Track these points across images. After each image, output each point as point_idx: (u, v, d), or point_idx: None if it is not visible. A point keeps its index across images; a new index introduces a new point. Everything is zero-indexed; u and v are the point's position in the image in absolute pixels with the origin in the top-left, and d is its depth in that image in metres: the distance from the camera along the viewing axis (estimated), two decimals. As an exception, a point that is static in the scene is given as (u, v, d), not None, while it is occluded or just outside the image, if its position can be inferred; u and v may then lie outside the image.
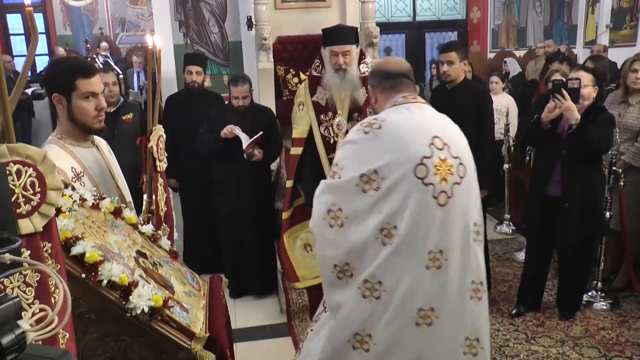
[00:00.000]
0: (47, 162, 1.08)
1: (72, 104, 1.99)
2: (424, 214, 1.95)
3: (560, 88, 3.35)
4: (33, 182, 1.05)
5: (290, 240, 3.88)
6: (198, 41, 6.26)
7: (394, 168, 1.96)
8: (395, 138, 2.01)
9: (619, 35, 8.95)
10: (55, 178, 1.10)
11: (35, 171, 1.06)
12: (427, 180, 1.96)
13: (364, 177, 1.98)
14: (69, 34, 10.69)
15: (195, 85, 4.53)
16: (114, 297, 1.38)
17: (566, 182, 3.48)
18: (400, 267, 1.96)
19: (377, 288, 1.97)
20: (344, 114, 3.72)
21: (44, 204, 1.07)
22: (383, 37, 11.25)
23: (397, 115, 2.09)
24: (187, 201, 4.77)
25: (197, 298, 1.70)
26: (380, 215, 1.96)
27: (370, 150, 2.01)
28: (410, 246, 1.95)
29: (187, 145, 4.26)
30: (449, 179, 1.99)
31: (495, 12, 11.95)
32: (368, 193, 1.98)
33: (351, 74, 3.59)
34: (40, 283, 1.05)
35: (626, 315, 3.81)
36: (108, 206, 1.76)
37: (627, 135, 3.90)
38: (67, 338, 1.11)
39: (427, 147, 1.99)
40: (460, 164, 2.04)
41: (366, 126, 2.06)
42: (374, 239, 1.97)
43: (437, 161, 1.98)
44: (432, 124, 2.10)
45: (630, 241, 3.98)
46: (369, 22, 5.07)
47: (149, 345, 1.43)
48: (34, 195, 1.05)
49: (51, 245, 1.10)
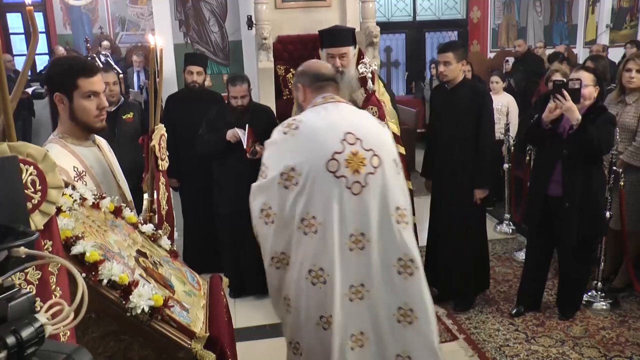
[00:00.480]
0: (47, 160, 1.08)
1: (74, 103, 2.00)
2: (339, 203, 2.21)
3: (561, 88, 3.35)
4: (34, 181, 1.05)
5: None
6: (198, 40, 6.26)
7: (308, 164, 2.21)
8: (310, 137, 2.27)
9: (619, 35, 8.96)
10: (56, 176, 1.10)
11: (36, 169, 1.06)
12: (338, 174, 2.22)
13: (284, 175, 2.24)
14: (69, 33, 10.68)
15: (196, 85, 4.53)
16: (114, 297, 1.38)
17: (567, 182, 3.48)
18: (330, 251, 2.21)
19: (321, 274, 2.23)
20: None
21: (45, 202, 1.07)
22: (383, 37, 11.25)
23: (314, 115, 2.34)
24: (187, 201, 4.77)
25: (197, 298, 1.70)
26: (299, 207, 2.22)
27: (289, 149, 2.27)
28: (331, 232, 2.21)
29: (188, 145, 4.26)
30: (362, 171, 2.24)
31: (496, 12, 11.95)
32: (290, 189, 2.24)
33: (348, 76, 3.58)
34: (41, 281, 1.05)
35: (626, 315, 3.81)
36: (108, 206, 1.76)
37: (625, 135, 3.91)
38: (67, 336, 1.11)
39: (339, 143, 2.24)
40: (375, 155, 2.28)
41: (285, 127, 2.32)
42: (297, 229, 2.24)
43: (349, 155, 2.23)
44: (346, 121, 2.32)
45: (630, 241, 3.98)
46: (369, 21, 5.06)
47: (149, 344, 1.42)
48: (35, 194, 1.05)
49: (52, 243, 1.10)
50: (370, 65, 3.70)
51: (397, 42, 12.09)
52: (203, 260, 4.51)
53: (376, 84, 3.75)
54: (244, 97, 4.06)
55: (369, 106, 3.60)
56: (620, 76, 3.99)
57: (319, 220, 2.21)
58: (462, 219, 3.85)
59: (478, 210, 3.93)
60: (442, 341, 3.60)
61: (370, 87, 3.60)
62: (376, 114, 3.57)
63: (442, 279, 4.08)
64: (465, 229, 3.87)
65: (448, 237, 3.94)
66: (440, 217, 4.03)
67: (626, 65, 3.94)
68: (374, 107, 3.57)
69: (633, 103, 3.93)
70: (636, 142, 3.89)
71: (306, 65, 2.58)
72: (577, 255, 3.62)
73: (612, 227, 3.90)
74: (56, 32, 10.60)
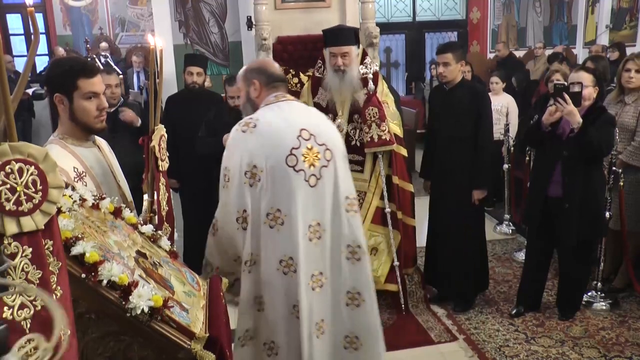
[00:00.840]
0: (48, 160, 1.09)
1: (74, 104, 2.00)
2: (299, 195, 2.32)
3: (562, 92, 3.34)
4: (34, 181, 1.06)
5: None
6: (198, 41, 6.26)
7: (269, 160, 2.31)
8: (269, 134, 2.36)
9: (618, 36, 8.96)
10: (57, 176, 1.11)
11: (37, 169, 1.07)
12: (297, 168, 2.33)
13: (248, 173, 2.32)
14: (68, 34, 10.69)
15: (196, 86, 4.53)
16: (114, 297, 1.38)
17: (567, 183, 3.49)
18: (295, 242, 2.31)
19: (291, 263, 2.33)
20: (345, 115, 3.73)
21: (46, 202, 1.08)
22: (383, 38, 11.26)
23: (270, 113, 2.42)
24: (187, 201, 4.77)
25: (196, 298, 1.70)
26: (264, 202, 2.31)
27: (249, 147, 2.34)
28: (295, 223, 2.31)
29: (188, 146, 4.26)
30: (317, 164, 2.37)
31: (495, 13, 11.96)
32: (254, 186, 2.32)
33: (350, 75, 3.58)
34: (42, 280, 1.06)
35: (626, 316, 3.81)
36: (108, 206, 1.76)
37: (625, 135, 3.91)
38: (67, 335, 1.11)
39: (296, 139, 2.35)
40: (327, 149, 2.41)
41: (243, 125, 2.40)
42: (263, 224, 2.32)
43: (305, 150, 2.35)
44: (300, 118, 2.44)
45: (630, 241, 3.99)
46: (368, 22, 5.06)
47: (149, 345, 1.42)
48: (36, 194, 1.06)
49: (52, 242, 1.11)
50: (372, 66, 3.70)
51: (397, 42, 12.10)
52: (202, 261, 4.51)
53: (379, 84, 3.75)
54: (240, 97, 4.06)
55: (370, 107, 3.60)
56: (620, 76, 3.99)
57: (284, 213, 2.31)
58: (461, 219, 3.85)
59: (477, 211, 3.93)
60: (442, 342, 3.61)
61: (370, 88, 3.60)
62: (376, 114, 3.57)
63: (442, 279, 4.08)
64: (464, 229, 3.87)
65: (447, 237, 3.94)
66: (439, 217, 4.03)
67: (625, 65, 3.95)
68: (375, 108, 3.57)
69: (632, 103, 3.93)
70: (635, 142, 3.90)
71: (262, 63, 2.73)
72: (577, 256, 3.63)
73: (611, 227, 3.90)
74: (56, 33, 10.61)
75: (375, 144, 3.62)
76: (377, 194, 3.76)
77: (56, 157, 1.95)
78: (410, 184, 3.87)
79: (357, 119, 3.70)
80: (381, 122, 3.57)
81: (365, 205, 3.78)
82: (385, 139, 3.60)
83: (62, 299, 1.11)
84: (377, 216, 3.80)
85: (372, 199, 3.78)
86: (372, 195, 3.76)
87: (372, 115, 3.59)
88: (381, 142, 3.61)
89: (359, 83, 3.63)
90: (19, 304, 1.02)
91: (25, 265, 1.04)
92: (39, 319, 1.05)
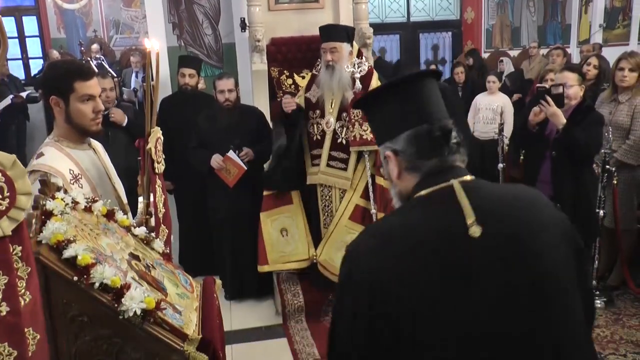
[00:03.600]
0: (17, 167, 1.10)
1: (70, 107, 2.01)
2: None
3: (544, 94, 3.35)
4: (1, 187, 1.08)
5: (268, 221, 3.93)
6: (192, 43, 6.25)
7: None
8: None
9: (612, 35, 9.01)
10: (26, 183, 1.12)
11: (4, 176, 1.08)
12: None
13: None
14: (63, 37, 10.65)
15: (188, 87, 4.53)
16: (107, 300, 1.38)
17: (556, 183, 3.49)
18: None
19: None
20: (334, 113, 3.74)
21: (13, 209, 1.09)
22: (377, 38, 11.25)
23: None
24: (182, 203, 4.76)
25: (190, 300, 1.70)
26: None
27: None
28: None
29: (182, 148, 4.26)
30: None
31: (489, 12, 11.97)
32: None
33: (339, 71, 3.60)
34: (8, 286, 1.07)
35: (620, 313, 3.82)
36: (101, 209, 1.76)
37: (619, 133, 3.92)
38: (38, 339, 1.14)
39: None
40: None
41: None
42: None
43: None
44: None
45: (624, 239, 4.00)
46: (362, 23, 5.07)
47: (142, 347, 1.42)
48: (3, 200, 1.08)
49: (21, 248, 1.12)
50: (362, 65, 3.70)
51: (391, 43, 12.10)
52: (199, 263, 4.52)
53: (374, 82, 3.74)
54: (230, 91, 4.06)
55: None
56: (613, 75, 4.01)
57: None
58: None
59: None
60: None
61: (357, 87, 3.60)
62: (359, 114, 3.58)
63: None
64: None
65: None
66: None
67: (619, 64, 3.96)
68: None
69: (626, 102, 3.95)
70: (630, 140, 3.91)
71: None
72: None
73: (606, 225, 3.91)
74: (50, 36, 10.57)
75: (357, 143, 3.63)
76: (359, 191, 3.76)
77: (52, 160, 1.97)
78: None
79: (345, 117, 3.71)
80: (363, 121, 3.57)
81: (344, 202, 3.79)
82: (366, 138, 3.59)
83: (30, 304, 1.13)
84: (356, 214, 3.79)
85: (352, 196, 3.77)
86: (353, 192, 3.77)
87: (355, 114, 3.61)
88: (362, 141, 3.61)
89: (348, 81, 3.63)
90: None
91: None
92: (4, 325, 1.06)
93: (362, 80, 3.66)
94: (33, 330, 1.12)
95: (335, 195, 3.84)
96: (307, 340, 3.65)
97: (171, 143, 4.34)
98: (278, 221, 3.94)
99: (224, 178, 4.02)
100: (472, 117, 6.11)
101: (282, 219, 3.94)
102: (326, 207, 3.90)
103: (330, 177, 3.81)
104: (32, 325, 1.13)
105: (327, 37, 3.66)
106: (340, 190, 3.81)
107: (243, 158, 3.99)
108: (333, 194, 3.85)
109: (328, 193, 3.88)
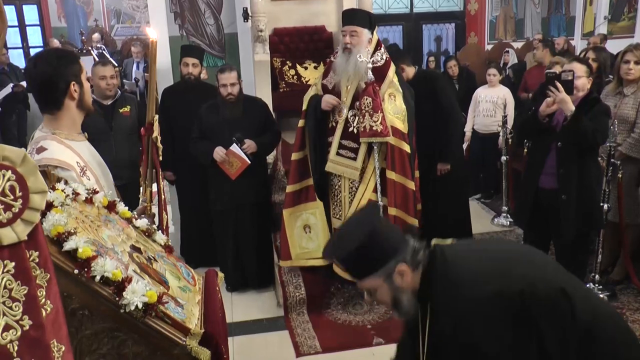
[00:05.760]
0: (27, 162, 0.97)
1: (83, 87, 2.02)
2: None
3: (554, 80, 3.32)
4: (13, 187, 0.95)
5: (291, 218, 3.90)
6: (194, 33, 6.20)
7: None
8: None
9: (617, 27, 8.93)
10: (38, 180, 0.99)
11: (15, 174, 0.95)
12: None
13: None
14: (63, 26, 10.61)
15: (192, 77, 4.49)
16: (108, 293, 1.36)
17: (562, 174, 3.46)
18: None
19: None
20: (347, 101, 3.70)
21: (27, 210, 0.97)
22: (380, 29, 11.21)
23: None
24: (184, 194, 4.74)
25: (192, 293, 1.68)
26: None
27: None
28: None
29: (184, 137, 4.23)
30: None
31: (493, 4, 11.91)
32: None
33: (355, 56, 3.55)
34: (28, 296, 0.96)
35: (623, 308, 3.81)
36: (102, 200, 1.74)
37: (624, 126, 3.89)
38: (63, 351, 1.03)
39: None
40: None
41: None
42: None
43: None
44: None
45: (628, 233, 3.98)
46: (365, 13, 5.02)
47: (144, 341, 1.40)
48: (15, 201, 0.95)
49: (38, 253, 1.01)
50: (375, 57, 3.66)
51: (394, 34, 12.04)
52: (200, 254, 4.51)
53: (390, 74, 3.69)
54: (233, 85, 4.02)
55: (365, 96, 3.58)
56: (618, 68, 3.97)
57: None
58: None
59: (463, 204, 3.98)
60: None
61: (369, 78, 3.56)
62: (370, 105, 3.53)
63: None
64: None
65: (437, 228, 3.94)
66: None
67: (624, 57, 3.92)
68: (369, 98, 3.55)
69: (631, 94, 3.91)
70: (635, 133, 3.87)
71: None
72: (574, 248, 3.60)
73: (610, 219, 3.89)
74: (51, 25, 10.53)
75: (367, 134, 3.58)
76: (371, 187, 3.72)
77: (60, 153, 1.93)
78: (412, 181, 3.76)
79: (357, 106, 3.66)
80: (374, 112, 3.52)
81: (358, 196, 3.73)
82: (376, 129, 3.54)
83: (52, 314, 1.02)
84: None
85: (364, 191, 3.73)
86: (366, 187, 3.72)
87: (366, 105, 3.56)
88: (372, 132, 3.56)
89: (365, 69, 3.58)
90: (4, 325, 0.92)
91: (8, 282, 0.93)
92: (27, 341, 0.95)
93: (379, 71, 3.62)
94: (57, 342, 1.02)
95: (344, 185, 3.78)
96: (309, 333, 3.64)
97: (172, 133, 4.35)
98: (301, 218, 3.91)
99: (226, 170, 4.00)
100: (472, 110, 6.06)
101: (305, 215, 3.90)
102: (335, 197, 3.86)
103: (338, 165, 3.74)
104: (56, 337, 1.02)
105: (348, 20, 3.63)
106: (349, 180, 3.75)
107: (245, 150, 3.96)
108: (342, 183, 3.79)
109: (338, 182, 3.82)
